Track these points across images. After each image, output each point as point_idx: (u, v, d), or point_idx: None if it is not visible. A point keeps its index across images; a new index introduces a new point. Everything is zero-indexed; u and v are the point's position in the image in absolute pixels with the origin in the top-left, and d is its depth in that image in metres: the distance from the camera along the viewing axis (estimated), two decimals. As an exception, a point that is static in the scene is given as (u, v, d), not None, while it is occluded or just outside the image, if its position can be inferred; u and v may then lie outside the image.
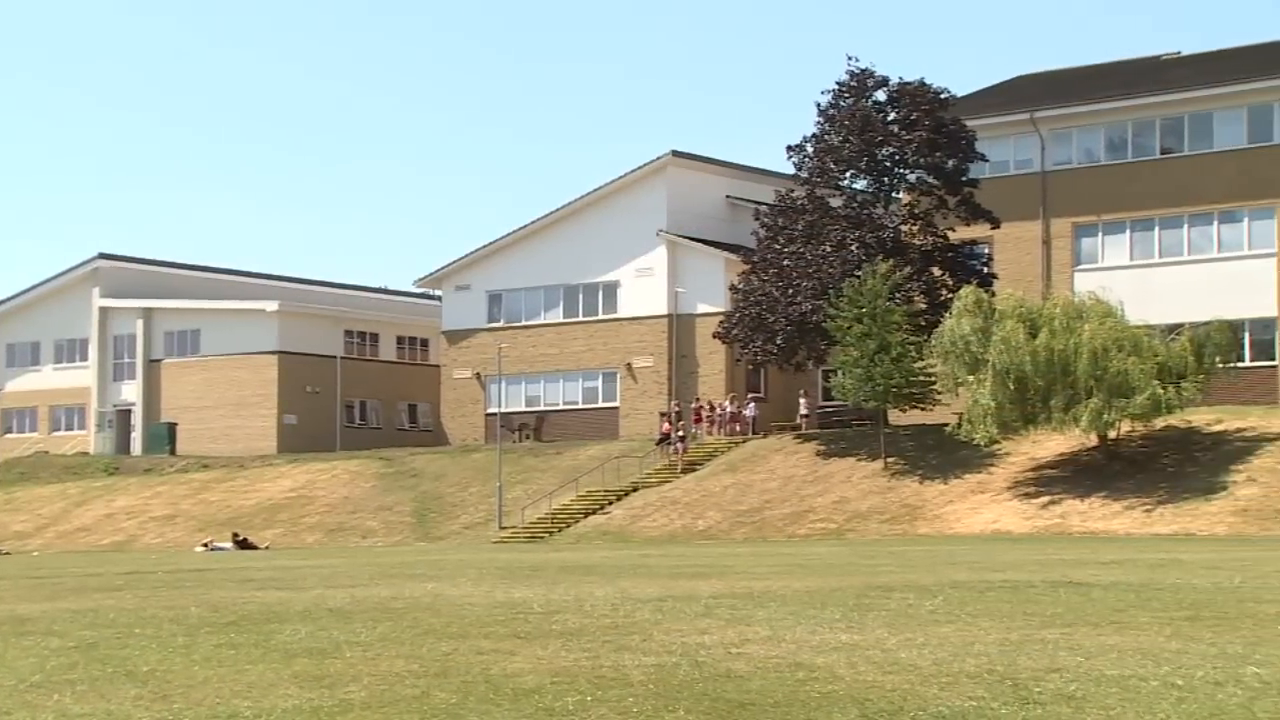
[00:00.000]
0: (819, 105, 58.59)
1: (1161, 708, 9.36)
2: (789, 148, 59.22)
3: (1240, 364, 52.50)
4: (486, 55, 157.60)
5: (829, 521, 49.83)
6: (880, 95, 58.20)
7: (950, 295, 53.15)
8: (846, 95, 58.15)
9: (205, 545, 53.79)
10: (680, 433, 58.71)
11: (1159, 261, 58.43)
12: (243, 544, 53.28)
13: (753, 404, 61.84)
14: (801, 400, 61.69)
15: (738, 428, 61.04)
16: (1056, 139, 61.08)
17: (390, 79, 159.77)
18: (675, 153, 66.93)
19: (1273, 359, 56.03)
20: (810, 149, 58.74)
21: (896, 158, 57.79)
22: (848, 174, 58.77)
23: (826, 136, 58.39)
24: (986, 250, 59.58)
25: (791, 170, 60.15)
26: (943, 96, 57.75)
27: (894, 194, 59.00)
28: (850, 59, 58.90)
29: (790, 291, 56.62)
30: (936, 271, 57.05)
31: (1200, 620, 14.42)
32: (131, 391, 78.99)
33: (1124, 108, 59.63)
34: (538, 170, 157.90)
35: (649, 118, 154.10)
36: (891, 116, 57.77)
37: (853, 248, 56.53)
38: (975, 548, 36.25)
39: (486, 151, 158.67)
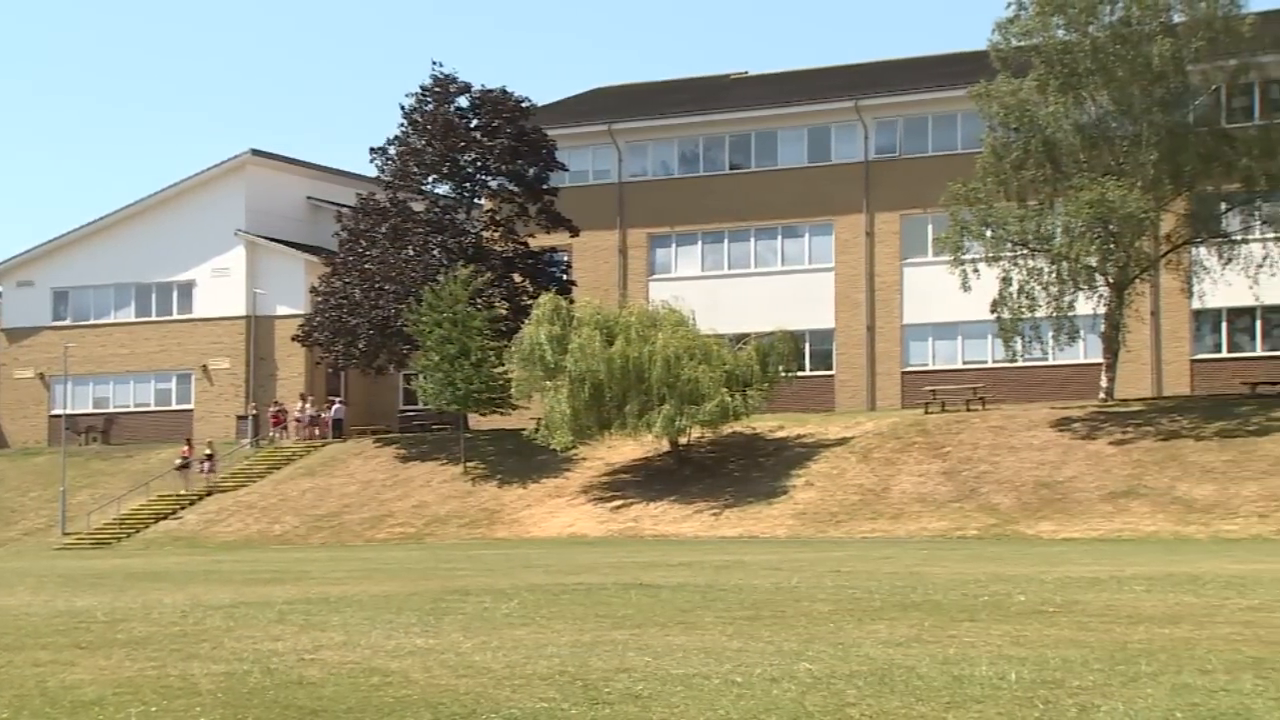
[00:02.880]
0: (403, 109, 58.73)
1: (722, 704, 9.76)
2: (372, 150, 59.17)
3: (801, 373, 55.00)
4: (54, 41, 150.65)
5: (408, 526, 49.79)
6: (463, 101, 58.68)
7: (531, 301, 53.93)
8: (429, 100, 58.36)
9: None
10: (209, 451, 57.09)
11: (728, 273, 60.74)
12: None
13: (335, 407, 61.17)
14: (299, 405, 60.89)
15: (317, 431, 60.28)
16: (633, 151, 62.74)
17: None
18: (255, 151, 65.58)
19: (831, 368, 59.02)
20: (393, 152, 58.71)
21: (479, 164, 58.34)
22: (430, 178, 58.98)
23: (410, 140, 58.47)
24: (566, 258, 60.70)
25: (374, 173, 60.00)
26: (524, 105, 58.62)
27: (476, 200, 59.50)
28: (435, 64, 59.30)
29: (373, 295, 56.39)
30: (517, 278, 57.79)
31: (760, 619, 15.07)
32: None
33: (695, 123, 61.75)
34: (110, 165, 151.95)
35: (228, 115, 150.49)
36: (474, 123, 58.30)
37: (435, 252, 56.78)
38: (552, 551, 36.90)
39: (54, 143, 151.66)
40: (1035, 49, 48.52)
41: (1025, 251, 48.59)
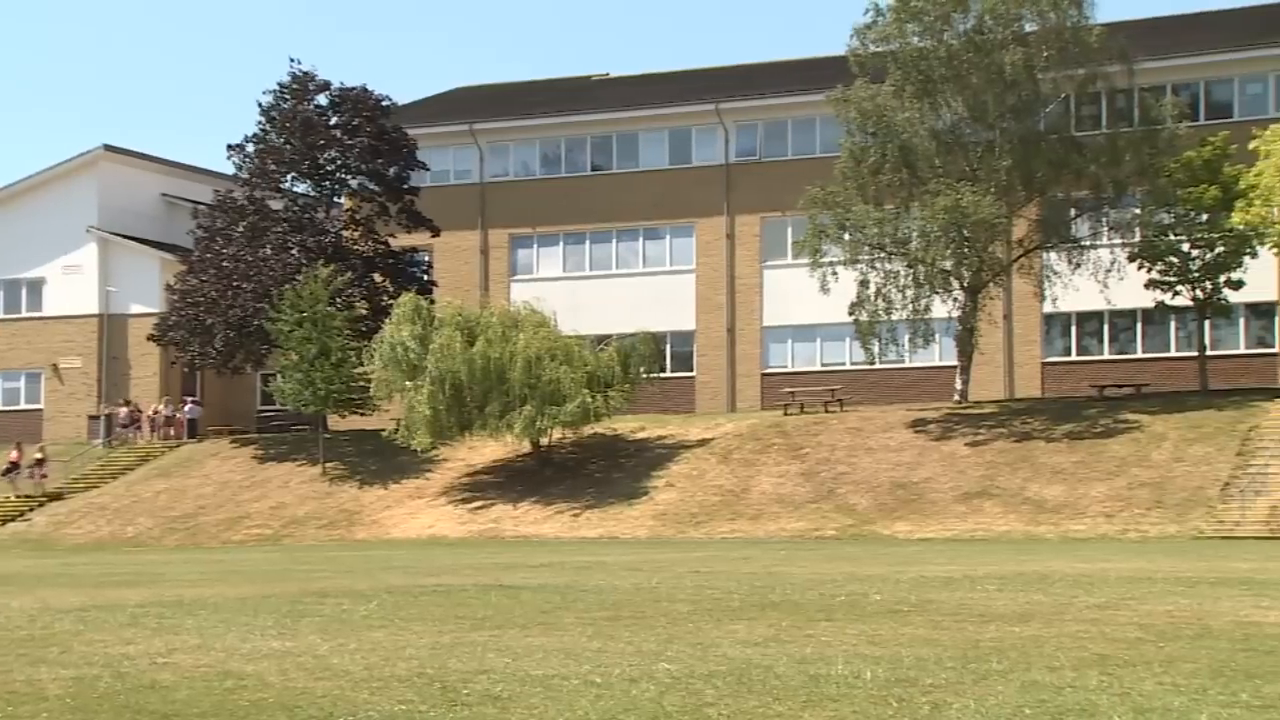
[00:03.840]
0: (260, 105, 58.06)
1: (581, 705, 9.80)
2: (229, 147, 58.45)
3: (663, 374, 55.28)
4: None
5: (266, 527, 49.21)
6: (322, 99, 58.14)
7: (391, 301, 53.58)
8: (288, 97, 57.76)
9: None
10: (40, 455, 55.73)
11: (589, 274, 60.80)
12: None
13: (189, 406, 60.25)
14: (123, 409, 59.74)
15: (172, 432, 59.34)
16: (494, 151, 62.58)
17: None
18: (108, 147, 64.36)
19: (691, 370, 59.36)
20: (251, 150, 58.03)
21: (339, 162, 57.88)
22: (289, 176, 58.37)
23: (268, 138, 57.83)
24: (427, 258, 60.39)
25: (232, 170, 59.22)
26: (384, 104, 58.25)
27: (336, 199, 59.00)
28: (293, 61, 58.65)
29: (230, 294, 55.65)
30: (378, 278, 57.38)
31: (620, 620, 15.13)
32: None
33: (557, 124, 61.72)
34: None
35: (80, 111, 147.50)
36: (334, 121, 57.82)
37: (294, 251, 56.21)
38: (411, 552, 36.71)
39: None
40: (892, 55, 49.19)
41: (882, 255, 49.24)
